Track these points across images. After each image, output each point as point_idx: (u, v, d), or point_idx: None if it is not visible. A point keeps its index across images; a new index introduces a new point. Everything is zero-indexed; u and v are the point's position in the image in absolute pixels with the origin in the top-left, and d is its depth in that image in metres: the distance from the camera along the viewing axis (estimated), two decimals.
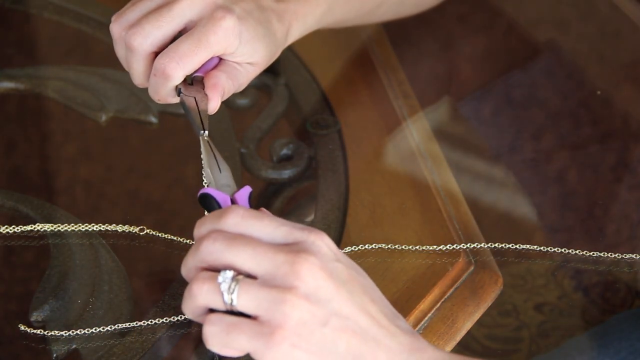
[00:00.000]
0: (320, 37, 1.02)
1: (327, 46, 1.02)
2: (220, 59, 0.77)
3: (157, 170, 0.92)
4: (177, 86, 0.74)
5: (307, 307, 0.59)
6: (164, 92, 0.75)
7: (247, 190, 0.68)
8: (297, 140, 0.91)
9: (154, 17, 0.74)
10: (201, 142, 0.73)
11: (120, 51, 0.76)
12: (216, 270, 0.61)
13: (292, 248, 0.60)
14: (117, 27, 0.75)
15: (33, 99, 0.96)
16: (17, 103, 0.97)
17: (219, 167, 0.70)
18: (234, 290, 0.60)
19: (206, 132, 0.73)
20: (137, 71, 0.75)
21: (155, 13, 0.74)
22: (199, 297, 0.61)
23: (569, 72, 1.08)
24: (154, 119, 0.93)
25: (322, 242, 0.61)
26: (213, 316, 0.60)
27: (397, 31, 1.03)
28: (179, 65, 0.73)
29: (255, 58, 0.77)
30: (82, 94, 0.95)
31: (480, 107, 1.05)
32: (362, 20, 0.94)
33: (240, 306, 0.60)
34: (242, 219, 0.62)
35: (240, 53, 0.76)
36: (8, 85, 0.96)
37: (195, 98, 0.74)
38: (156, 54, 0.74)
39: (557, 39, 1.11)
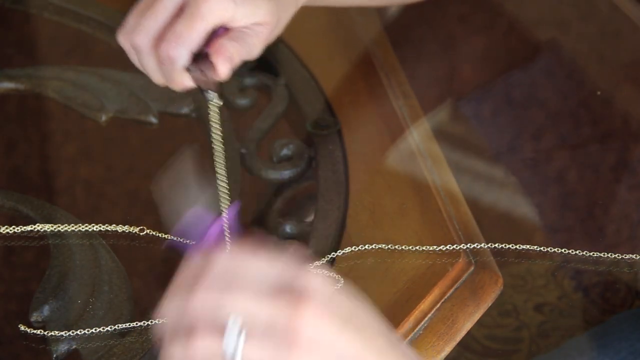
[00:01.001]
0: (321, 37, 1.02)
1: (327, 46, 1.02)
2: (228, 29, 0.76)
3: (157, 170, 0.92)
4: (187, 67, 0.74)
5: (313, 357, 0.55)
6: (177, 77, 0.74)
7: (234, 209, 0.67)
8: (297, 141, 0.91)
9: (155, 15, 0.73)
10: (210, 109, 0.73)
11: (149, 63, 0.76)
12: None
13: (290, 292, 0.55)
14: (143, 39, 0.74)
15: (33, 99, 0.96)
16: (17, 103, 0.97)
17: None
18: (238, 344, 0.54)
19: (215, 95, 0.73)
20: (152, 69, 0.76)
21: (151, 9, 0.73)
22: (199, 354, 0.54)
23: (569, 72, 1.08)
24: (154, 119, 0.93)
25: (316, 281, 0.55)
26: None
27: (397, 31, 1.03)
28: (178, 45, 0.72)
29: (260, 17, 0.75)
30: (82, 94, 0.95)
31: (480, 107, 1.05)
32: None
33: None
34: (232, 262, 0.56)
35: (241, 15, 0.74)
36: (8, 85, 0.96)
37: (201, 70, 0.73)
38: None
39: (557, 38, 1.11)
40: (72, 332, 0.73)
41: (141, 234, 0.81)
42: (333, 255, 0.79)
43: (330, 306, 0.55)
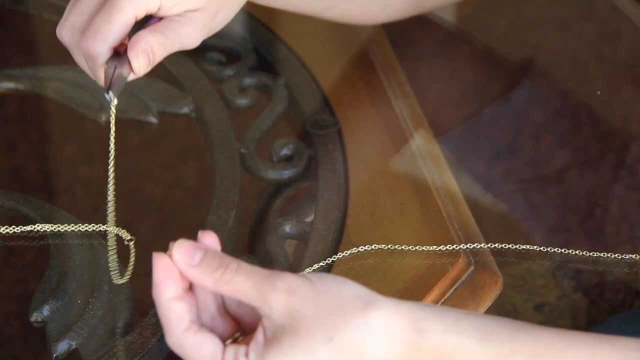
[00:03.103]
0: (320, 37, 1.02)
1: (327, 46, 1.02)
2: (161, 18, 0.72)
3: (157, 170, 0.92)
4: (106, 62, 0.70)
5: None
6: (100, 73, 0.71)
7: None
8: (297, 141, 0.91)
9: (76, 9, 0.71)
10: (111, 111, 0.71)
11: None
12: None
13: None
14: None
15: (33, 99, 0.96)
16: (17, 103, 0.97)
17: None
18: None
19: (110, 93, 0.69)
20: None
21: (78, 1, 0.71)
22: None
23: (569, 73, 1.08)
24: (154, 119, 0.93)
25: None
26: None
27: (397, 31, 1.03)
28: (96, 40, 0.69)
29: (194, 4, 0.71)
30: (82, 94, 0.95)
31: (480, 107, 1.05)
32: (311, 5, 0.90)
33: None
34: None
35: (170, 4, 0.70)
36: (8, 85, 0.96)
37: (115, 65, 0.69)
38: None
39: (553, 39, 1.11)
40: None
41: (130, 244, 0.81)
42: (334, 258, 0.79)
43: None
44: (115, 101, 0.70)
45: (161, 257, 0.60)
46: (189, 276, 0.60)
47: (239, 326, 0.63)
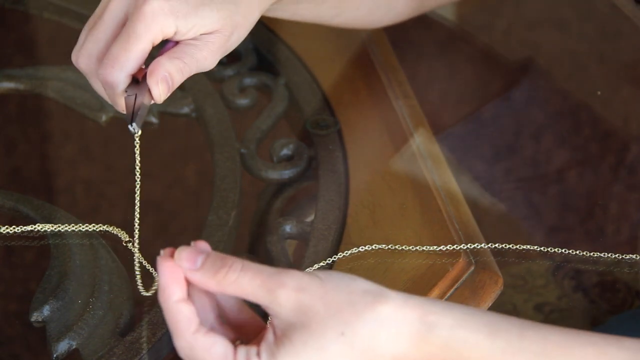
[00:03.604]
0: (321, 37, 1.02)
1: (327, 46, 1.02)
2: (177, 42, 0.72)
3: (157, 170, 0.92)
4: (125, 90, 0.70)
5: None
6: (120, 101, 0.71)
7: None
8: (297, 141, 0.91)
9: (93, 35, 0.71)
10: (135, 140, 0.70)
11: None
12: None
13: None
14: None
15: (33, 99, 0.96)
16: (17, 103, 0.97)
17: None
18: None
19: (134, 125, 0.69)
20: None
21: (93, 28, 0.71)
22: None
23: (569, 73, 1.08)
24: (154, 119, 0.93)
25: None
26: None
27: (397, 31, 1.03)
28: (115, 69, 0.69)
29: (209, 26, 0.71)
30: (82, 94, 0.95)
31: (480, 107, 1.05)
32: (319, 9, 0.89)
33: None
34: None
35: (186, 29, 0.70)
36: (8, 85, 0.96)
37: (136, 94, 0.70)
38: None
39: (554, 39, 1.11)
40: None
41: (127, 245, 0.81)
42: (334, 258, 0.79)
43: None
44: (140, 132, 0.70)
45: (166, 260, 0.60)
46: (192, 280, 0.60)
47: (239, 334, 0.63)
